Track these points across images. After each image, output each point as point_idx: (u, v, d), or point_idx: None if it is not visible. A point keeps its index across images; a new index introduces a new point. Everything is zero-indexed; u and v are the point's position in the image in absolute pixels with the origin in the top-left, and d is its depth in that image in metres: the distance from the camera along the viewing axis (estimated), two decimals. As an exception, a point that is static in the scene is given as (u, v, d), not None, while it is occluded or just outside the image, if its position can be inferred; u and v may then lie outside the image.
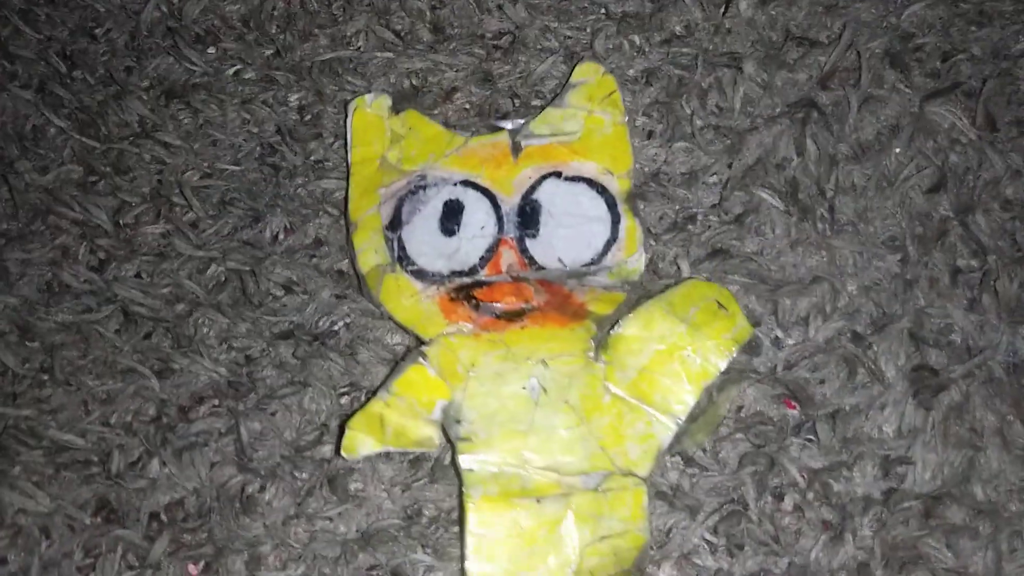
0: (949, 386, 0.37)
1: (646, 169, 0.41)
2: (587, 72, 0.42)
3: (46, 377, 0.39)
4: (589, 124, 0.41)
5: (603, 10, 0.44)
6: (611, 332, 0.37)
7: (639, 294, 0.39)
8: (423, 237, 0.39)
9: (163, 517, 0.37)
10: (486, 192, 0.40)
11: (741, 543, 0.36)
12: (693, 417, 0.37)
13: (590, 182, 0.40)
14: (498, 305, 0.38)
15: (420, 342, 0.38)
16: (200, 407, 0.39)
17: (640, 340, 0.37)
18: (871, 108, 0.41)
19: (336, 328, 0.40)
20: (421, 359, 0.37)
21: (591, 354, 0.37)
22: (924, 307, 0.38)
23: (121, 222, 0.42)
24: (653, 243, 0.40)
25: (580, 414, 0.36)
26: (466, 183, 0.40)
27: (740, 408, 0.38)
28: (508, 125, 0.42)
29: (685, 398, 0.36)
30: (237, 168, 0.42)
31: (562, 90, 0.42)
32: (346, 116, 0.42)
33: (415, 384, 0.37)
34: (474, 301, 0.38)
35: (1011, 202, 0.40)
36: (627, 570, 0.35)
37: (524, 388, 0.36)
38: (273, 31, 0.45)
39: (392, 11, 0.45)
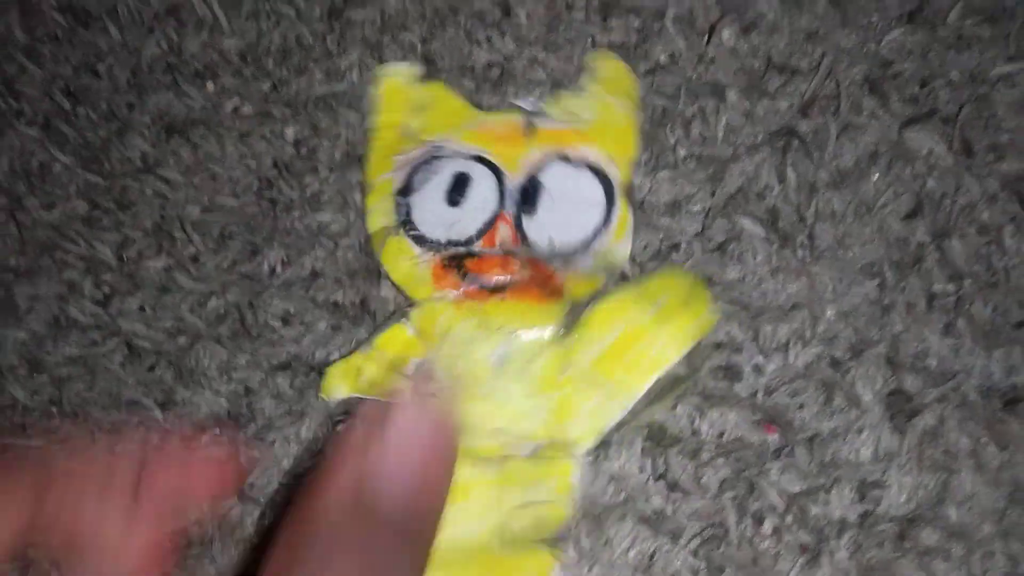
0: (924, 410, 0.38)
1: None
2: (608, 66, 0.43)
3: (55, 409, 0.41)
4: (602, 112, 0.42)
5: (590, 40, 0.45)
6: (583, 311, 0.39)
7: (617, 280, 0.40)
8: (429, 205, 0.41)
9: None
10: (494, 168, 0.42)
11: (722, 566, 0.37)
12: (644, 401, 0.38)
13: (593, 168, 0.42)
14: (484, 278, 0.40)
15: (409, 303, 0.41)
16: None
17: (609, 321, 0.39)
18: (850, 135, 0.42)
19: (332, 358, 0.41)
20: (403, 319, 0.40)
21: (561, 330, 0.39)
22: (901, 332, 0.39)
23: (124, 257, 0.43)
24: (639, 271, 0.41)
25: (536, 386, 0.38)
26: (477, 158, 0.42)
27: (722, 434, 0.39)
28: (526, 105, 0.43)
29: (638, 383, 0.38)
30: (236, 202, 0.44)
31: (581, 76, 0.43)
32: (372, 84, 0.44)
33: (394, 341, 0.40)
34: (463, 271, 0.40)
35: (987, 226, 0.40)
36: (547, 539, 0.37)
37: (490, 356, 0.39)
38: (270, 66, 0.46)
39: (384, 44, 0.46)
